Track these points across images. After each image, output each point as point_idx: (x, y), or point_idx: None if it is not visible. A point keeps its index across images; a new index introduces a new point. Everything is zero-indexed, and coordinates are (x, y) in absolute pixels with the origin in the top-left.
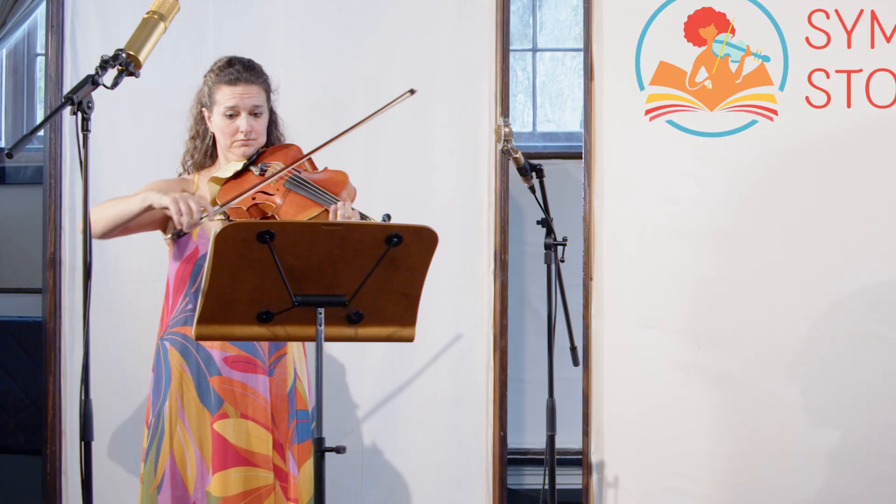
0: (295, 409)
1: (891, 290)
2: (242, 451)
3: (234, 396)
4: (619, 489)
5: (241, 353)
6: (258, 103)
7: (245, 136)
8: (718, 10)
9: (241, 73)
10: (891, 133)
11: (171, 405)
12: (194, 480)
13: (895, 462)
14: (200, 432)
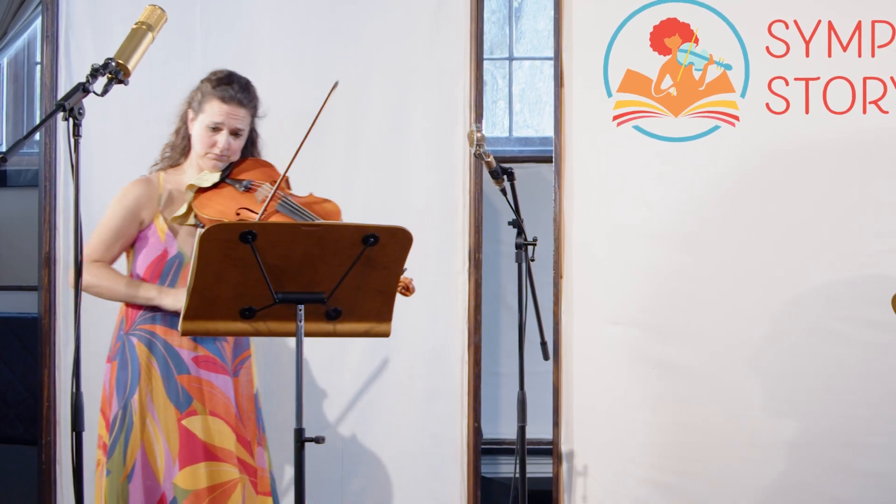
0: (259, 407)
1: (847, 289)
2: (209, 447)
3: (202, 394)
4: (587, 477)
5: (208, 355)
6: (241, 126)
7: (220, 153)
8: (683, 21)
9: (236, 93)
10: (847, 138)
11: (141, 399)
12: (163, 472)
13: (850, 450)
14: (167, 427)
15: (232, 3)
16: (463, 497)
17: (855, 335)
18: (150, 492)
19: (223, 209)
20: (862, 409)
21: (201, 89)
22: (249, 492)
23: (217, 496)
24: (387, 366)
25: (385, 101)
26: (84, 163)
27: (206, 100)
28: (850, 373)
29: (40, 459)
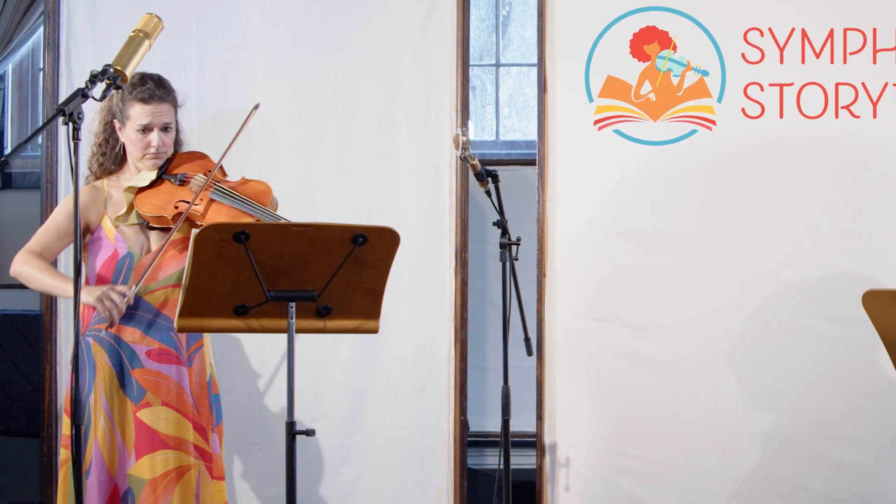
0: (212, 394)
1: (820, 287)
2: (164, 436)
3: (156, 386)
4: (569, 469)
5: (162, 346)
6: (168, 120)
7: (156, 151)
8: (661, 29)
9: (153, 91)
10: (819, 142)
11: (96, 397)
12: (115, 465)
13: (822, 443)
14: (123, 420)
15: (226, 13)
16: (450, 487)
17: (828, 331)
18: (103, 486)
19: (161, 203)
20: (835, 403)
21: (117, 99)
22: (205, 476)
23: (170, 481)
24: (377, 361)
25: (375, 106)
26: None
27: (127, 106)
28: (823, 368)
29: (42, 451)
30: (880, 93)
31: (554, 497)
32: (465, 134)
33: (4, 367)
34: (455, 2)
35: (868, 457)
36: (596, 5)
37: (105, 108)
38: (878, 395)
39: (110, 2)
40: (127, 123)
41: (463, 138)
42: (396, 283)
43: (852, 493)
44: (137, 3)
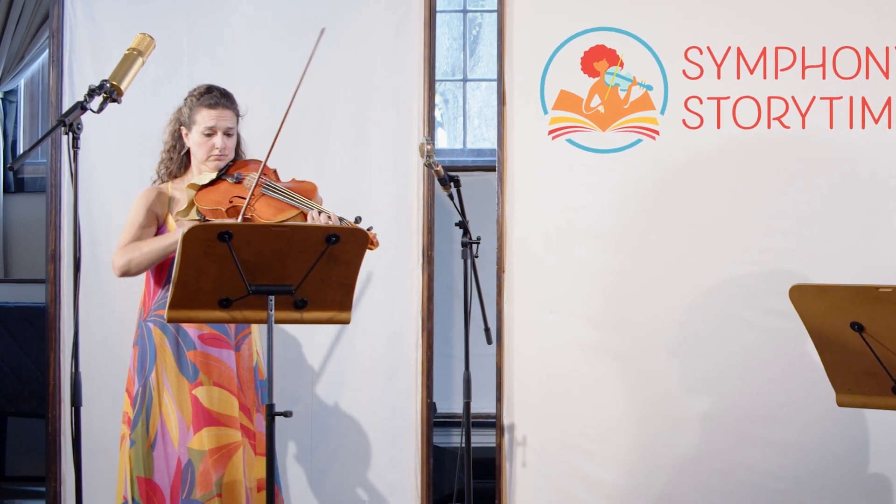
0: (258, 379)
1: (753, 281)
2: (215, 414)
3: (207, 367)
4: (526, 447)
5: (213, 332)
6: (231, 125)
7: (220, 152)
8: (610, 47)
9: (219, 98)
10: (753, 150)
11: (157, 376)
12: (178, 438)
13: (755, 423)
14: (181, 398)
15: (214, 33)
16: (417, 464)
17: (759, 322)
18: (170, 457)
19: (219, 199)
20: (765, 386)
21: (188, 104)
22: (249, 453)
23: (222, 456)
24: (351, 349)
25: (349, 118)
26: (86, 171)
27: (195, 111)
28: (755, 355)
29: (47, 430)
30: (808, 105)
31: (512, 472)
32: (430, 143)
33: (15, 355)
34: (422, 23)
35: (796, 435)
36: (550, 26)
37: (173, 119)
38: (805, 380)
39: (109, 23)
40: (193, 128)
41: (427, 147)
42: (369, 278)
43: (781, 467)
44: (134, 24)
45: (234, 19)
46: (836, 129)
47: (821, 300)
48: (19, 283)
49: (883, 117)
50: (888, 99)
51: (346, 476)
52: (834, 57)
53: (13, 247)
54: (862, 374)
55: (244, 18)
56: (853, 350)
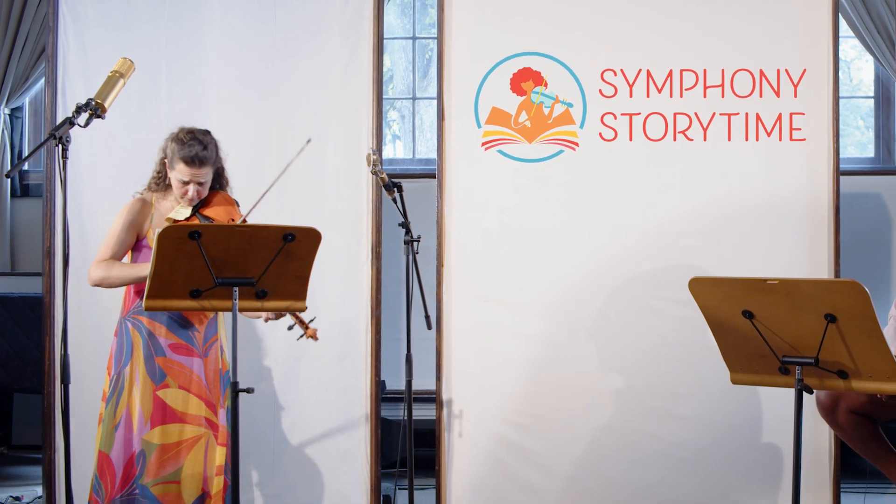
0: (223, 376)
1: (662, 275)
2: (178, 413)
3: (175, 373)
4: (462, 419)
5: (181, 342)
6: (204, 180)
7: (189, 201)
8: (535, 70)
9: (196, 156)
10: (661, 160)
11: (131, 371)
12: (135, 429)
13: (663, 399)
14: (145, 396)
15: (190, 58)
16: (367, 435)
17: (666, 311)
18: (127, 443)
19: None
20: (672, 367)
21: (171, 148)
22: (212, 443)
23: (182, 448)
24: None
25: (308, 132)
26: (76, 179)
27: (174, 161)
28: (663, 339)
29: (44, 405)
30: (709, 120)
31: (450, 442)
32: (376, 154)
33: (19, 339)
34: (371, 49)
35: (698, 410)
36: (483, 52)
37: (162, 151)
38: (706, 361)
39: (97, 49)
40: (172, 172)
41: (374, 157)
42: (324, 271)
43: (685, 438)
44: (119, 49)
45: (207, 46)
46: (733, 142)
47: (716, 291)
48: (23, 276)
49: (774, 131)
50: (779, 115)
51: (304, 445)
52: (732, 78)
53: (19, 244)
54: (753, 356)
55: (216, 45)
56: (745, 335)
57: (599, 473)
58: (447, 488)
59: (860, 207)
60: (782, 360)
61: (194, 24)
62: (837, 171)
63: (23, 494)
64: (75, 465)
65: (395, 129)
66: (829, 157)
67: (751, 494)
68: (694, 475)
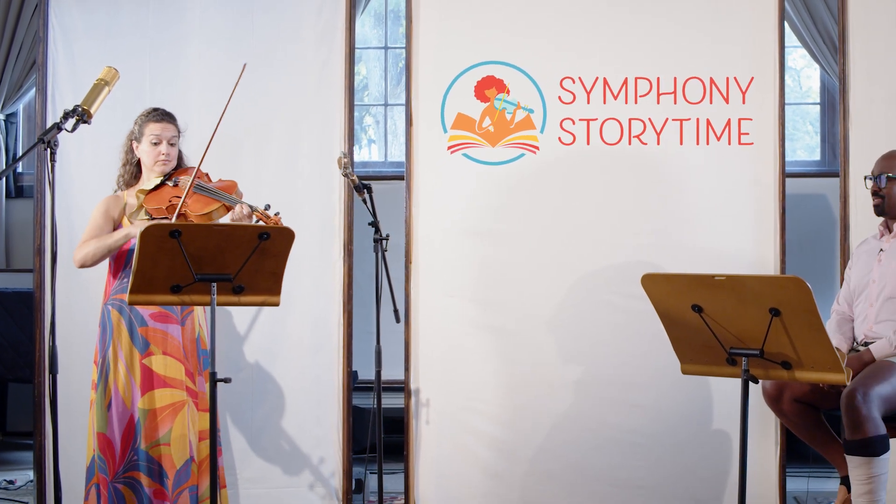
0: (200, 348)
1: (615, 271)
2: (163, 377)
3: (157, 340)
4: (430, 408)
5: (161, 311)
6: (174, 135)
7: (165, 157)
8: (498, 78)
9: (163, 115)
10: (617, 162)
11: (114, 350)
12: (130, 399)
13: (619, 388)
14: (132, 366)
15: (172, 66)
16: (340, 422)
17: (622, 305)
18: (122, 416)
19: (160, 200)
20: (627, 358)
21: (138, 122)
22: (193, 409)
23: (170, 412)
24: (283, 327)
25: (285, 136)
26: (65, 181)
27: (144, 126)
28: (618, 331)
29: (34, 394)
30: (662, 125)
31: (417, 428)
32: (346, 157)
33: (14, 331)
34: (343, 58)
35: (652, 398)
36: (448, 61)
37: (126, 138)
38: (659, 352)
39: (84, 58)
40: (143, 139)
41: (344, 160)
42: (299, 268)
43: (640, 425)
44: (105, 59)
45: (189, 55)
46: (685, 145)
47: (667, 286)
48: (17, 272)
49: (724, 136)
50: (728, 120)
51: (280, 432)
52: (684, 85)
53: (14, 242)
54: (702, 348)
55: (197, 54)
56: (694, 328)
57: (559, 458)
58: (415, 472)
59: (807, 208)
60: (729, 351)
61: (176, 34)
62: (783, 174)
63: (16, 478)
64: (64, 450)
65: (371, 134)
66: (776, 161)
67: (701, 478)
68: (648, 460)
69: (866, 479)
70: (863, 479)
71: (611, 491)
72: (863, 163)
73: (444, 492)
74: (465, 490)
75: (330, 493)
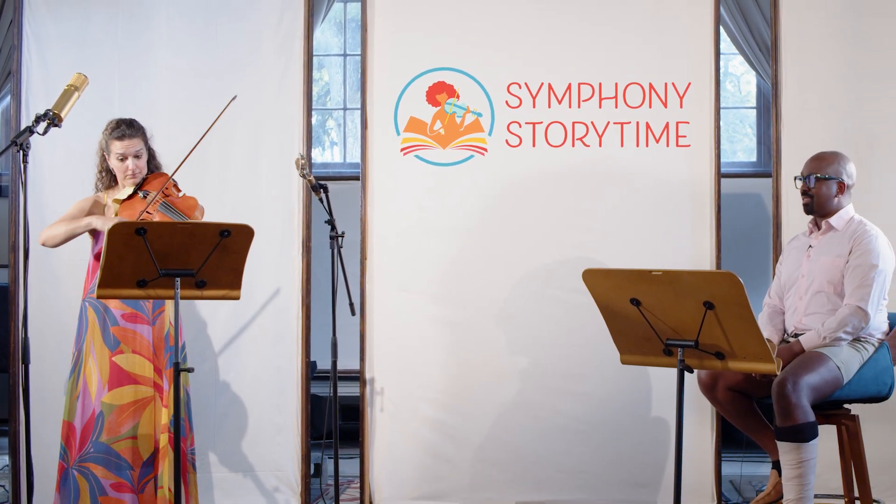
0: (168, 345)
1: (560, 267)
2: (132, 375)
3: (127, 339)
4: (384, 396)
5: (132, 311)
6: (138, 149)
7: (132, 173)
8: (448, 83)
9: (125, 131)
10: (561, 164)
11: (87, 345)
12: (95, 394)
13: (563, 378)
14: (101, 363)
15: (140, 73)
16: (298, 410)
17: (566, 299)
18: (87, 409)
19: (132, 212)
20: (571, 349)
21: (104, 138)
22: (158, 404)
23: (137, 408)
24: (245, 319)
25: (247, 139)
26: (38, 181)
27: (109, 144)
28: (563, 324)
29: (9, 383)
30: (604, 129)
31: (372, 416)
32: (304, 159)
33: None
34: (302, 66)
35: (595, 387)
36: (401, 67)
37: (99, 148)
38: (601, 344)
39: (57, 65)
40: (110, 155)
41: (302, 162)
42: (260, 263)
43: (584, 413)
44: (77, 66)
45: (156, 62)
46: (626, 148)
47: (607, 281)
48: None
49: (662, 138)
50: (666, 123)
51: (243, 419)
52: (624, 90)
53: None
54: (640, 339)
55: (164, 62)
56: (633, 320)
57: (506, 444)
58: (370, 457)
59: (743, 206)
60: (666, 342)
61: (145, 43)
62: (719, 174)
63: None
64: (37, 436)
65: (334, 137)
66: (712, 162)
67: (642, 464)
68: (590, 446)
69: (796, 464)
70: (793, 463)
71: (555, 476)
72: (794, 164)
73: (397, 476)
74: (417, 474)
75: (289, 478)
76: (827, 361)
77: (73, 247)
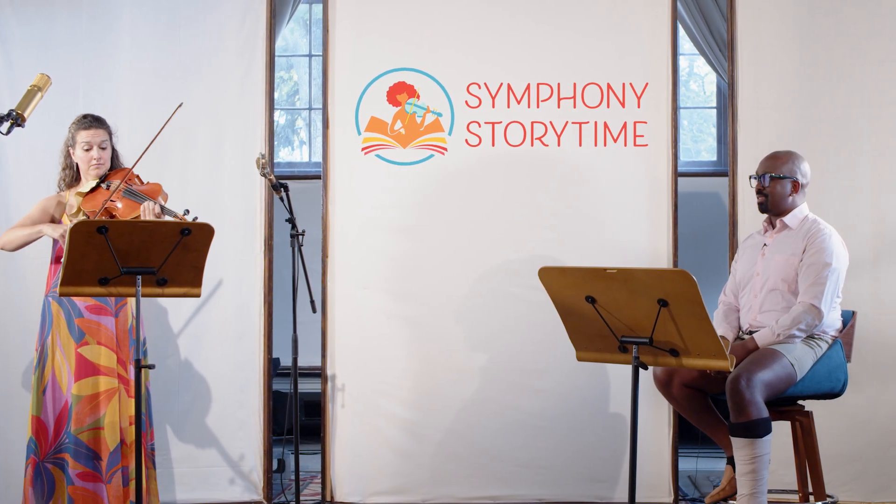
0: (132, 338)
1: (518, 265)
2: (95, 365)
3: (91, 331)
4: (345, 392)
5: (96, 303)
6: (104, 139)
7: (97, 162)
8: (409, 83)
9: (92, 122)
10: (520, 163)
11: (52, 339)
12: (65, 385)
13: (522, 374)
14: (69, 354)
15: (103, 74)
16: (261, 406)
17: (524, 296)
18: (56, 401)
19: (96, 202)
20: (530, 346)
21: (71, 130)
22: (124, 395)
23: (104, 398)
24: (208, 316)
25: (209, 139)
26: (4, 179)
27: (76, 134)
28: (521, 321)
29: None
30: (562, 128)
31: (334, 412)
32: (264, 158)
33: None
34: (264, 66)
35: (553, 383)
36: (362, 68)
37: (64, 144)
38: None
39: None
40: (76, 146)
41: (262, 161)
42: (223, 261)
43: (542, 409)
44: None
45: (119, 63)
46: (584, 147)
47: (562, 278)
48: None
49: (620, 138)
50: (624, 123)
51: (205, 415)
52: (583, 90)
53: None
54: (595, 336)
55: (127, 63)
56: (588, 317)
57: (466, 440)
58: (331, 453)
59: (702, 205)
60: (621, 339)
61: (108, 44)
62: (675, 173)
63: None
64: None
65: (303, 136)
66: (669, 161)
67: (600, 459)
68: (549, 441)
69: (750, 460)
70: (746, 459)
71: (514, 471)
72: (750, 163)
73: (357, 471)
74: (378, 469)
75: (252, 473)
76: (781, 358)
77: (37, 245)
